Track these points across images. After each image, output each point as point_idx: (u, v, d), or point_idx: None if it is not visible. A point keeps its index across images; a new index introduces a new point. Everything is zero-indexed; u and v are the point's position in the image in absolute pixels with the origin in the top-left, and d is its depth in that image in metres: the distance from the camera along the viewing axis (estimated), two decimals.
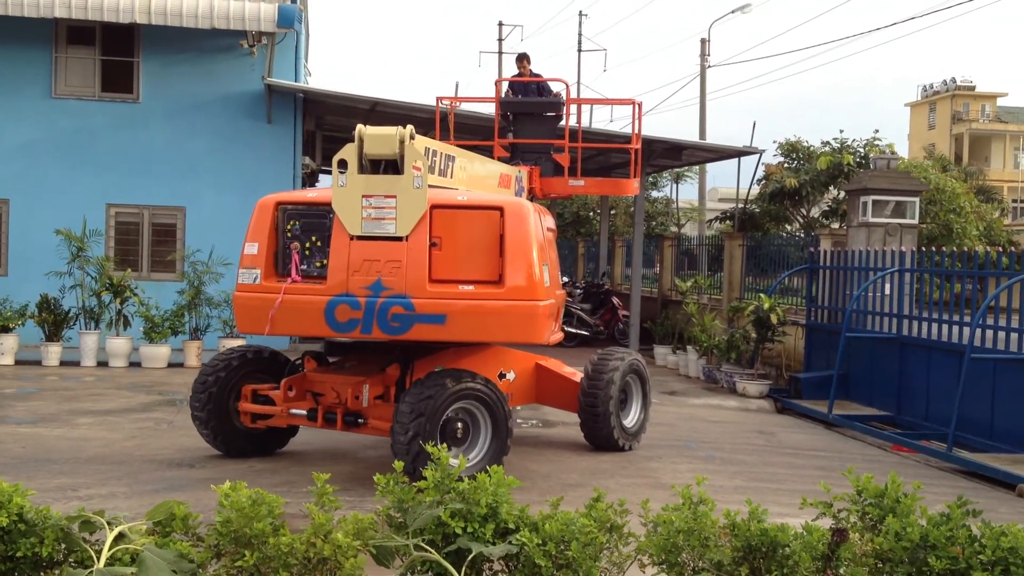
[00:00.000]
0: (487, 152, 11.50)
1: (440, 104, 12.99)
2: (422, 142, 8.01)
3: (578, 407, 9.58)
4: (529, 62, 13.34)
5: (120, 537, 3.50)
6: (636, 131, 12.69)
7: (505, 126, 12.95)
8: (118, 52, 17.07)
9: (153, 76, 17.10)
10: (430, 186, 7.84)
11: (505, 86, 13.83)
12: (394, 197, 7.67)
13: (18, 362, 14.80)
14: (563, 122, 12.57)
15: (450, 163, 8.73)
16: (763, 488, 8.33)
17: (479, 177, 9.33)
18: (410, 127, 7.66)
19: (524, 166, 11.70)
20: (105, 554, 3.39)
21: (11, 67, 16.74)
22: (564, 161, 12.41)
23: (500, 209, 7.89)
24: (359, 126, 7.76)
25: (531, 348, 9.24)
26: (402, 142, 7.59)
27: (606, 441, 9.56)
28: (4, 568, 3.54)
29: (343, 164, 7.72)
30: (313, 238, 8.09)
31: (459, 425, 7.86)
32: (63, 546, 3.59)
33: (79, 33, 16.94)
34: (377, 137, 7.65)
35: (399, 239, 7.71)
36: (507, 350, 9.39)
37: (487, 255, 7.80)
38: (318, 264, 8.01)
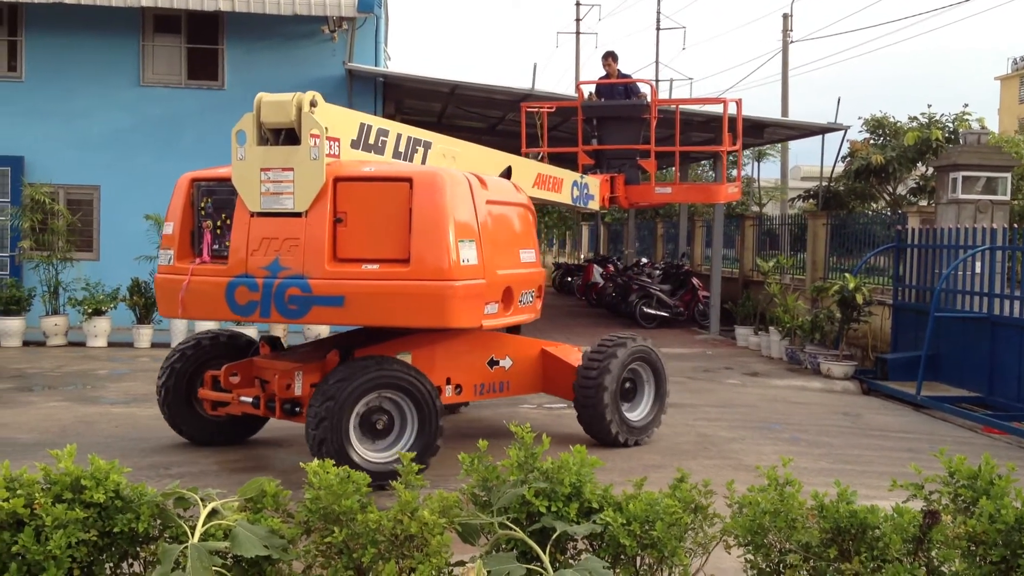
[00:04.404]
0: (569, 160, 11.19)
1: (527, 111, 12.69)
2: (355, 117, 7.59)
3: (574, 396, 8.83)
4: (616, 60, 12.87)
5: (213, 513, 3.59)
6: (728, 131, 12.08)
7: (589, 131, 12.59)
8: (203, 40, 17.41)
9: (237, 63, 17.40)
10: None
11: (590, 89, 13.39)
12: (291, 170, 7.16)
13: (111, 344, 15.25)
14: (650, 125, 12.11)
15: (420, 148, 8.19)
16: (850, 470, 8.20)
17: (480, 170, 8.44)
18: (312, 93, 7.15)
19: (604, 175, 11.34)
20: (199, 529, 3.48)
21: (101, 56, 17.17)
22: (651, 168, 12.03)
23: (409, 180, 7.20)
24: (259, 93, 7.30)
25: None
26: (299, 109, 7.10)
27: (603, 435, 8.70)
28: (102, 543, 3.64)
29: (243, 136, 7.25)
30: (223, 216, 7.65)
31: (383, 417, 7.32)
32: (158, 522, 3.68)
33: (165, 22, 17.31)
34: (272, 104, 7.17)
35: (298, 215, 7.19)
36: (502, 335, 8.80)
37: (396, 231, 7.12)
38: (227, 244, 7.57)
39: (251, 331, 14.42)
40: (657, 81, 41.43)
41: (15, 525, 3.51)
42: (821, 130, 19.47)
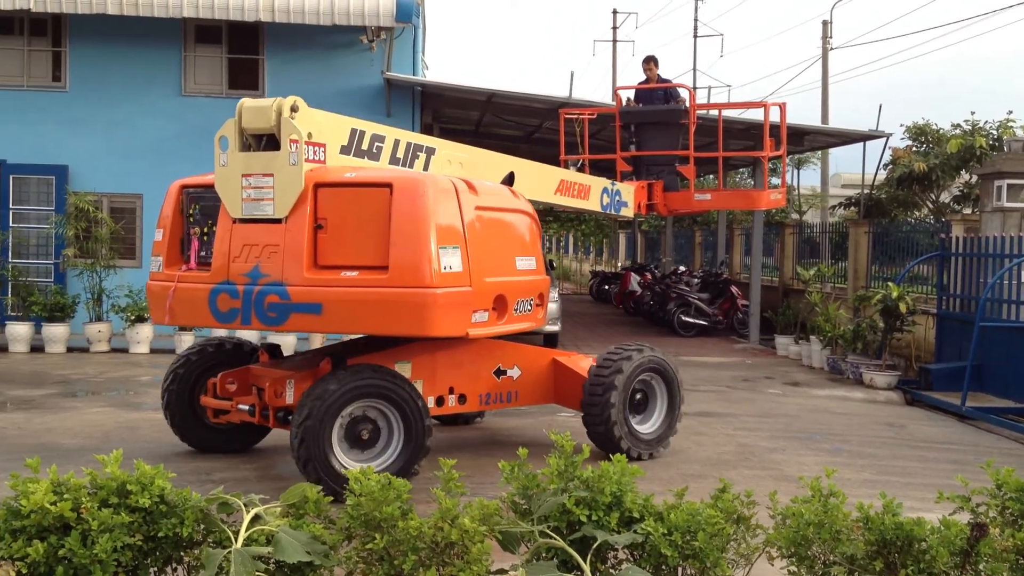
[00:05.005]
0: (607, 167, 11.08)
1: (566, 117, 12.62)
2: (345, 122, 7.54)
3: (580, 406, 8.61)
4: (657, 65, 12.82)
5: (256, 519, 3.61)
6: (770, 136, 11.90)
7: (627, 137, 12.52)
8: (244, 50, 17.58)
9: (277, 73, 17.54)
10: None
11: (629, 94, 13.37)
12: (272, 175, 7.09)
13: (153, 350, 15.40)
14: (689, 130, 12.00)
15: (421, 154, 8.07)
16: (893, 482, 8.09)
17: (488, 176, 8.47)
18: (293, 98, 7.09)
19: (641, 181, 11.25)
20: (242, 535, 3.50)
21: (143, 66, 17.39)
22: (690, 174, 11.91)
23: (389, 186, 7.03)
24: (242, 99, 7.31)
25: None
26: (279, 114, 7.03)
27: (610, 447, 8.25)
28: (147, 547, 3.68)
29: (225, 142, 7.28)
30: (210, 222, 7.60)
31: (368, 427, 7.17)
32: (202, 527, 3.71)
33: (207, 32, 17.50)
34: (253, 109, 7.16)
35: (278, 221, 7.10)
36: (510, 344, 8.61)
37: (376, 238, 6.97)
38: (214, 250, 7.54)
39: (289, 339, 14.53)
40: (695, 88, 41.29)
41: (62, 529, 3.56)
42: (862, 137, 19.29)
